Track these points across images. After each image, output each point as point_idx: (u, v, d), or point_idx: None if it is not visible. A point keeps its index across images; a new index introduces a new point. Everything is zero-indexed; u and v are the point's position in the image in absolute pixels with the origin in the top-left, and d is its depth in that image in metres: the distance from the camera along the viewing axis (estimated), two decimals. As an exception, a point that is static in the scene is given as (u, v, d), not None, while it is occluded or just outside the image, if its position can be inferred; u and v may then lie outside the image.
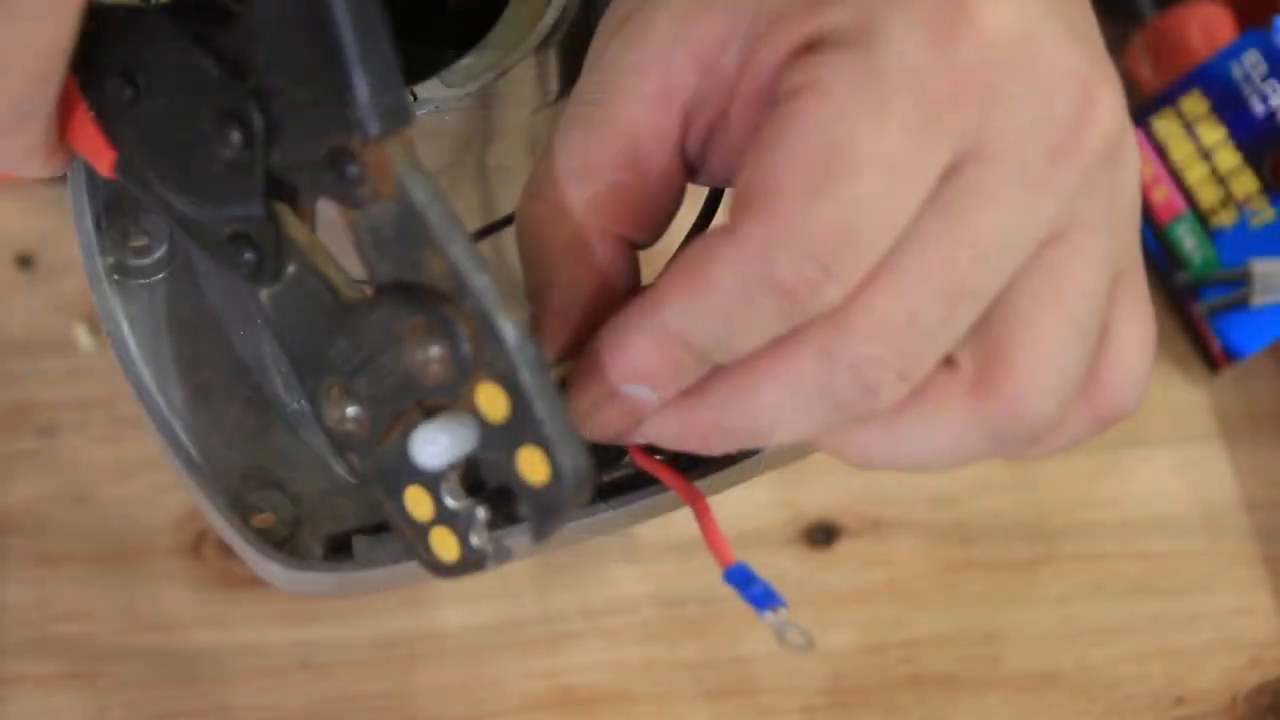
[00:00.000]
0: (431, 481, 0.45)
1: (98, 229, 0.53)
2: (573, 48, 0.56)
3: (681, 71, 0.46)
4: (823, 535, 0.71)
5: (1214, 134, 0.74)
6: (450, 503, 0.45)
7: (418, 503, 0.45)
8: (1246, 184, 0.73)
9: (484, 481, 0.44)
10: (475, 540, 0.45)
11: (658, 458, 0.49)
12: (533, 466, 0.42)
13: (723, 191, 0.50)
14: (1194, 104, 0.74)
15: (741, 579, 0.46)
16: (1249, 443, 0.73)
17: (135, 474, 0.70)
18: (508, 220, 0.55)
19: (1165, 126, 0.75)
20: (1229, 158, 0.73)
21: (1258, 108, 0.73)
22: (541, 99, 0.56)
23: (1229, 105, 0.73)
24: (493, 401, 0.43)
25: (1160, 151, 0.75)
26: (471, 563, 0.45)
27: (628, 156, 0.46)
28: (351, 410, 0.45)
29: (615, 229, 0.46)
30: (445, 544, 0.45)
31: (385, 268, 0.44)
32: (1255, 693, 0.67)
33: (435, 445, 0.44)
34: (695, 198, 0.54)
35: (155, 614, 0.68)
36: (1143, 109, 0.76)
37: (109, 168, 0.47)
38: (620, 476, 0.51)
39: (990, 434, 0.45)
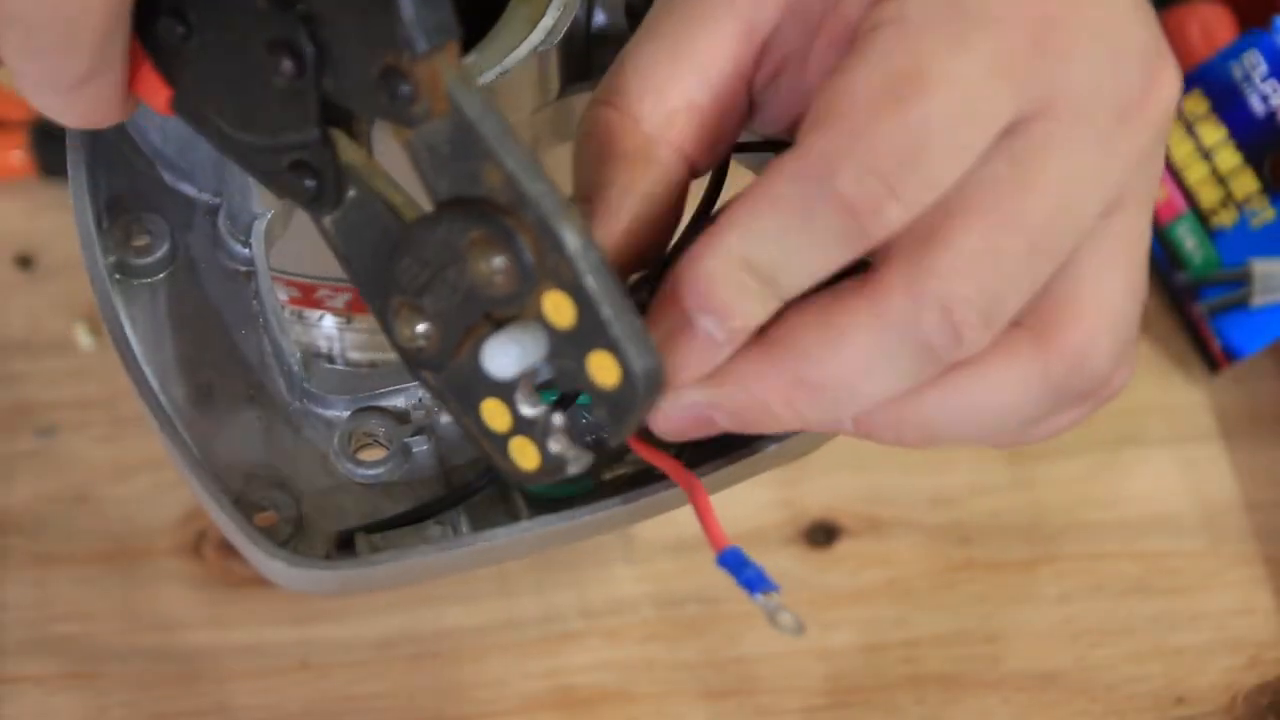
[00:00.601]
0: (506, 392, 0.45)
1: (99, 228, 0.53)
2: (573, 47, 0.56)
3: (767, 7, 0.47)
4: (823, 535, 0.71)
5: (1214, 134, 0.74)
6: (526, 411, 0.45)
7: (494, 414, 0.46)
8: (1247, 184, 0.73)
9: (559, 389, 0.45)
10: (554, 446, 0.45)
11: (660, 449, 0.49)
12: (603, 370, 0.43)
13: (725, 175, 0.50)
14: (1194, 104, 0.74)
15: (735, 562, 0.47)
16: (1249, 443, 0.73)
17: (135, 474, 0.70)
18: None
19: None
20: (1229, 158, 0.74)
21: (1258, 107, 0.73)
22: (542, 98, 0.56)
23: (1229, 105, 0.73)
24: (559, 309, 0.43)
25: None
26: (552, 468, 0.46)
27: (706, 83, 0.47)
28: (421, 327, 0.45)
29: (684, 148, 0.47)
30: (525, 453, 0.46)
31: (444, 185, 0.44)
32: (1255, 692, 0.67)
33: (506, 356, 0.44)
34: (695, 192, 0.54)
35: (155, 614, 0.68)
36: None
37: (165, 105, 0.47)
38: (621, 475, 0.51)
39: (1053, 388, 0.45)
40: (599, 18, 0.57)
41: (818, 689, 0.67)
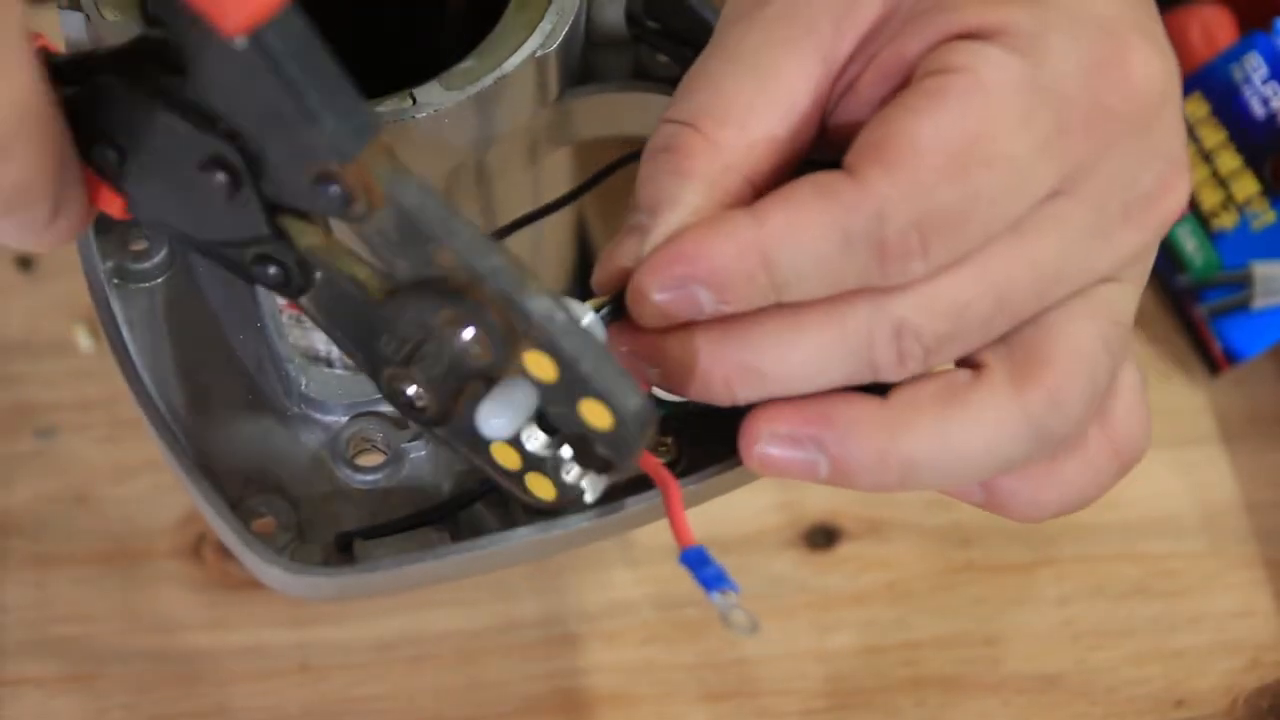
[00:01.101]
0: (509, 439, 0.46)
1: (97, 233, 0.53)
2: (571, 51, 0.56)
3: (846, 38, 0.47)
4: (823, 537, 0.71)
5: (1215, 136, 0.74)
6: (533, 449, 0.46)
7: (505, 456, 0.47)
8: (1247, 186, 0.73)
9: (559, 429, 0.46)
10: (567, 478, 0.47)
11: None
12: (596, 415, 0.44)
13: None
14: (1195, 106, 0.74)
15: (695, 561, 0.47)
16: (1249, 445, 0.73)
17: (135, 475, 0.70)
18: (547, 209, 0.56)
19: None
20: (1230, 160, 0.73)
21: (1258, 110, 0.73)
22: (541, 102, 0.56)
23: (1230, 107, 0.73)
24: (541, 366, 0.44)
25: None
26: (571, 497, 0.47)
27: (788, 115, 0.47)
28: (413, 390, 0.46)
29: (755, 180, 0.47)
30: (541, 485, 0.47)
31: (402, 266, 0.45)
32: (1255, 695, 0.67)
33: (498, 419, 0.45)
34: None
35: (155, 615, 0.68)
36: None
37: (122, 212, 0.47)
38: (617, 482, 0.51)
39: (1031, 427, 0.46)
40: (598, 21, 0.57)
41: (817, 691, 0.67)
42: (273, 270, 0.46)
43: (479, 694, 0.67)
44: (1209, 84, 0.74)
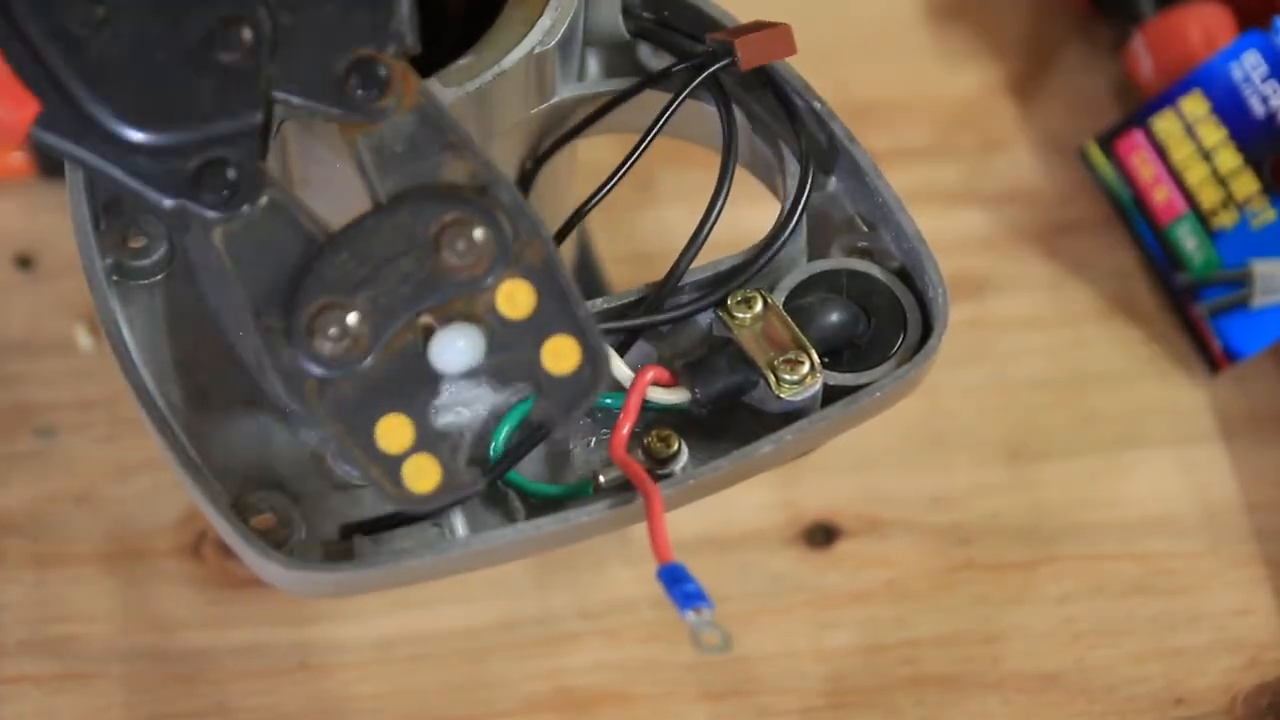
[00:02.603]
0: (419, 404, 0.45)
1: (96, 230, 0.53)
2: (570, 48, 0.56)
3: None
4: (822, 536, 0.71)
5: (1214, 135, 0.74)
6: (447, 423, 0.46)
7: (393, 432, 0.45)
8: (1247, 185, 0.73)
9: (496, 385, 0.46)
10: (461, 461, 0.46)
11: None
12: (559, 356, 0.44)
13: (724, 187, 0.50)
14: (1194, 105, 0.74)
15: (671, 578, 0.47)
16: (1249, 443, 0.73)
17: (135, 474, 0.70)
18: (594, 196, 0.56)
19: (1166, 127, 0.75)
20: (1229, 159, 0.73)
21: (1258, 109, 0.73)
22: (539, 99, 0.56)
23: (1229, 106, 0.73)
24: (516, 297, 0.44)
25: (1161, 152, 0.75)
26: (452, 485, 0.46)
27: None
28: (353, 319, 0.45)
29: None
30: (423, 472, 0.46)
31: (391, 183, 0.44)
32: (1255, 694, 0.67)
33: (453, 350, 0.45)
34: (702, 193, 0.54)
35: (155, 614, 0.68)
36: (1143, 109, 0.76)
37: (26, 123, 0.45)
38: (616, 478, 0.51)
39: None
40: (596, 18, 0.57)
41: (817, 690, 0.67)
42: (229, 173, 0.45)
43: (479, 692, 0.67)
44: (1209, 83, 0.74)
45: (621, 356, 0.51)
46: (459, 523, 0.51)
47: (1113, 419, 0.74)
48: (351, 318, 0.45)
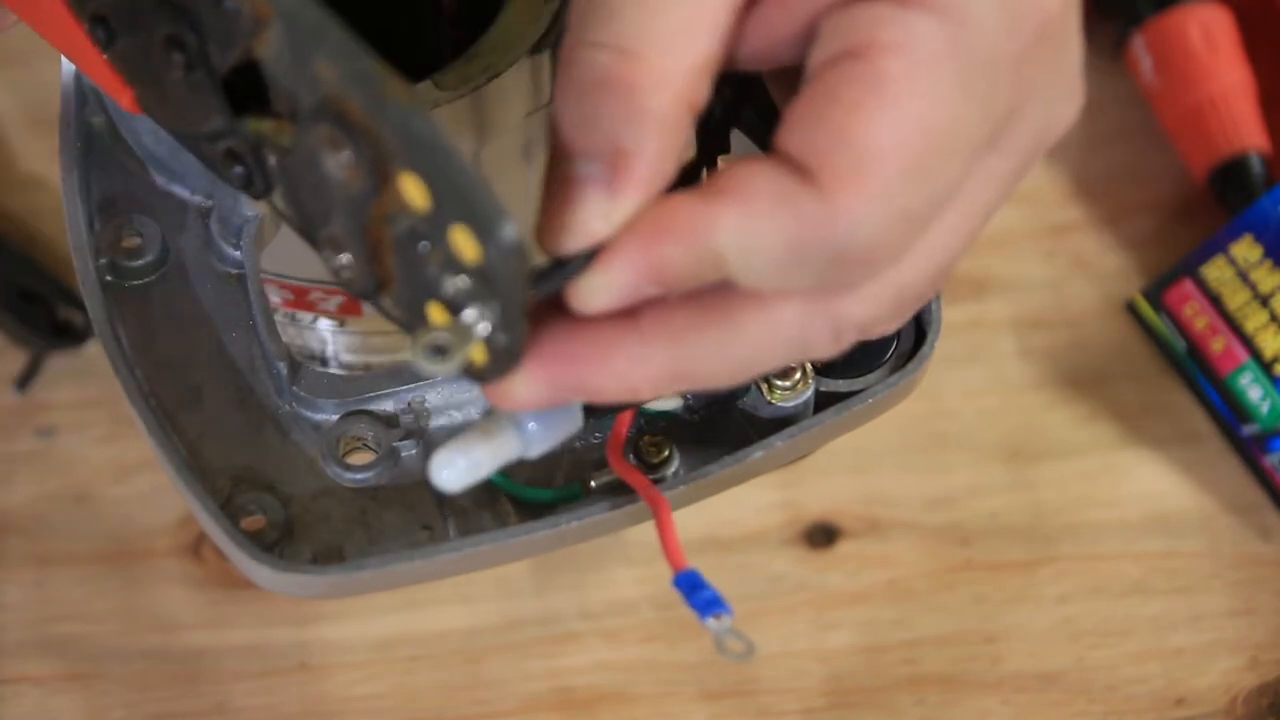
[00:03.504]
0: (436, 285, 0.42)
1: (90, 231, 0.53)
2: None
3: None
4: (822, 536, 0.71)
5: (1271, 280, 0.71)
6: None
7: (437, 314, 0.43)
8: (1307, 328, 0.71)
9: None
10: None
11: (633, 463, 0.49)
12: (466, 245, 0.40)
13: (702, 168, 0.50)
14: (1248, 250, 0.71)
15: (689, 585, 0.47)
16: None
17: (135, 474, 0.71)
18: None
19: (1218, 275, 0.72)
20: (1288, 303, 0.71)
21: (1313, 250, 0.70)
22: (534, 102, 0.56)
23: (1284, 248, 0.71)
24: (415, 190, 0.41)
25: (1214, 301, 0.72)
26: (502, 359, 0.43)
27: (719, 28, 0.43)
28: (344, 258, 0.45)
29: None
30: (477, 347, 0.42)
31: (303, 100, 0.43)
32: (1255, 694, 0.67)
33: (453, 469, 0.45)
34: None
35: (155, 614, 0.68)
36: (1190, 258, 0.73)
37: (132, 104, 0.47)
38: (607, 481, 0.51)
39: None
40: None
41: (817, 690, 0.67)
42: (238, 168, 0.46)
43: (479, 692, 0.67)
44: (1260, 226, 0.71)
45: None
46: (450, 526, 0.51)
47: (1113, 419, 0.73)
48: (344, 257, 0.45)
